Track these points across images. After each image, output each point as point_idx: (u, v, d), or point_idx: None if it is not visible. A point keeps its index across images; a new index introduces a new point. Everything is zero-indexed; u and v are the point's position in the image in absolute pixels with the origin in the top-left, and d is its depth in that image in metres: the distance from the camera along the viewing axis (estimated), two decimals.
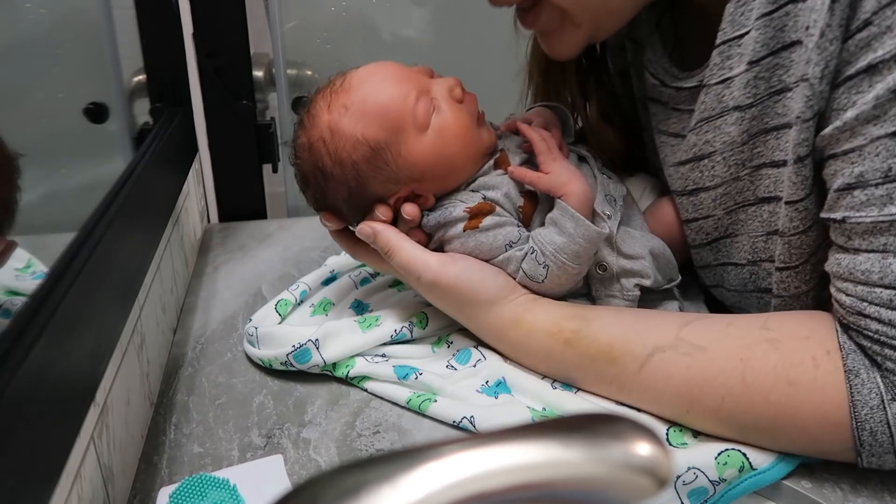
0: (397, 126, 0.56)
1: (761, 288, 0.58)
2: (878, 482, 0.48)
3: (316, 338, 0.59)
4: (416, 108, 0.57)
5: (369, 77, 0.59)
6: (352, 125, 0.56)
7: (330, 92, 0.58)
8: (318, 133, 0.58)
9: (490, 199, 0.59)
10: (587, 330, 0.54)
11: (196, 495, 0.45)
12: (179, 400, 0.59)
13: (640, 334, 0.53)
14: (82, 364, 0.40)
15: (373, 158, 0.57)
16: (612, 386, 0.54)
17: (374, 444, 0.53)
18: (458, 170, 0.59)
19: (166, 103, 0.84)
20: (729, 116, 0.53)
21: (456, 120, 0.58)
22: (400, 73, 0.59)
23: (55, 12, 0.67)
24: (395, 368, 0.59)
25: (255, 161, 1.01)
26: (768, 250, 0.55)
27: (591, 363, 0.54)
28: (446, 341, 0.62)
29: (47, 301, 0.37)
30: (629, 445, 0.19)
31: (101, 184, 0.56)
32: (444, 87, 0.59)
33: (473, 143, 0.59)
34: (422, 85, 0.58)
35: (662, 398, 0.51)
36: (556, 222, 0.57)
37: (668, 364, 0.50)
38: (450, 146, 0.58)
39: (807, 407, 0.46)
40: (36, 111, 0.60)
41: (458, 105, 0.58)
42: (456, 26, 1.16)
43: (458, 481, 0.18)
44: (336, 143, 0.57)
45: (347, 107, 0.57)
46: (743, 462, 0.47)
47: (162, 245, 0.67)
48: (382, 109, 0.56)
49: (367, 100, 0.57)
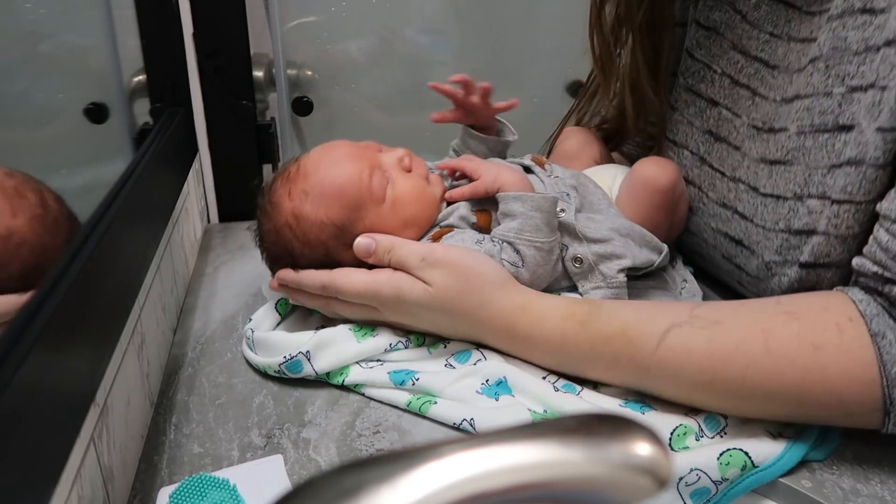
0: (357, 203, 0.61)
1: (794, 229, 0.56)
2: (877, 482, 0.48)
3: (307, 349, 0.59)
4: (370, 184, 0.61)
5: (322, 160, 0.63)
6: (315, 209, 0.61)
7: (287, 179, 0.62)
8: (283, 220, 0.62)
9: (446, 225, 0.64)
10: (599, 313, 0.54)
11: (196, 495, 0.45)
12: (179, 400, 0.59)
13: (652, 315, 0.53)
14: (82, 364, 0.40)
15: (340, 235, 0.61)
16: (628, 368, 0.52)
17: (374, 444, 0.53)
18: (421, 227, 0.64)
19: (166, 103, 0.84)
20: (855, 18, 0.51)
21: (409, 187, 0.63)
22: (350, 151, 0.63)
23: (55, 12, 0.67)
24: (391, 374, 0.58)
25: (255, 161, 1.01)
26: (823, 185, 0.54)
27: (605, 345, 0.53)
28: (443, 343, 0.62)
29: (47, 301, 0.37)
30: (629, 445, 0.19)
31: (101, 184, 0.56)
32: (393, 159, 0.64)
33: (428, 200, 0.64)
34: (372, 160, 0.63)
35: (683, 373, 0.50)
36: (505, 213, 0.61)
37: (686, 338, 0.50)
38: (408, 210, 0.63)
39: (834, 369, 0.46)
40: (36, 111, 0.60)
41: (408, 174, 0.64)
42: (456, 26, 1.16)
43: (458, 481, 0.18)
44: (303, 228, 0.61)
45: (307, 192, 0.61)
46: (745, 461, 0.47)
47: (162, 245, 0.67)
48: (340, 190, 0.61)
49: (324, 183, 0.61)
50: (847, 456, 0.51)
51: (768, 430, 0.50)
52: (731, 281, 0.68)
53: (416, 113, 1.15)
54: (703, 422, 0.51)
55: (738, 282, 0.66)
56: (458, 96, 0.70)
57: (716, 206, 0.65)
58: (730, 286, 0.69)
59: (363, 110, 1.14)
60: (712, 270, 0.71)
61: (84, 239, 0.45)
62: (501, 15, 1.15)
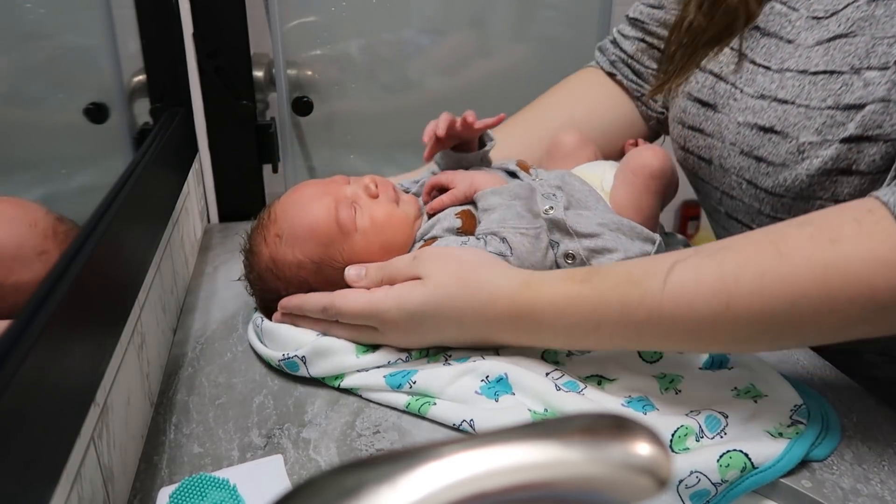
0: (329, 238, 0.62)
1: (843, 104, 0.55)
2: (878, 482, 0.48)
3: (303, 354, 0.59)
4: (338, 217, 0.62)
5: (290, 203, 0.64)
6: (290, 251, 0.62)
7: (261, 227, 0.65)
8: (263, 265, 0.63)
9: (430, 237, 0.64)
10: (598, 270, 0.54)
11: (196, 495, 0.45)
12: (179, 400, 0.59)
13: (653, 259, 0.52)
14: (82, 364, 0.40)
15: (319, 271, 0.62)
16: (639, 313, 0.50)
17: (374, 444, 0.53)
18: (399, 246, 0.64)
19: (166, 103, 0.84)
20: None
21: (378, 212, 0.64)
22: (315, 190, 0.65)
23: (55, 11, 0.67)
24: (387, 378, 0.58)
25: (255, 161, 1.01)
26: (888, 55, 0.53)
27: (612, 290, 0.51)
28: (444, 356, 0.61)
29: (47, 301, 0.37)
30: (629, 445, 0.19)
31: (100, 184, 0.56)
32: (359, 188, 0.64)
33: (400, 222, 0.65)
34: (339, 194, 0.64)
35: (696, 302, 0.48)
36: (485, 209, 0.62)
37: (693, 268, 0.49)
38: (383, 235, 0.63)
39: (858, 255, 0.44)
40: (36, 111, 0.60)
41: (375, 200, 0.64)
42: (456, 26, 1.16)
43: (458, 481, 0.18)
44: (282, 270, 0.63)
45: (280, 235, 0.63)
46: (745, 462, 0.47)
47: (162, 245, 0.67)
48: (311, 229, 0.62)
49: (294, 224, 0.63)
50: (847, 456, 0.51)
51: (768, 430, 0.51)
52: (735, 189, 0.66)
53: (416, 113, 1.15)
54: (703, 422, 0.51)
55: (750, 180, 0.63)
56: (442, 136, 0.68)
57: (751, 100, 0.63)
58: (725, 212, 0.68)
59: (363, 110, 1.14)
60: (713, 180, 0.69)
61: (84, 239, 0.45)
62: (501, 15, 1.15)
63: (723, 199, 0.68)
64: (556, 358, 0.60)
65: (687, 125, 0.70)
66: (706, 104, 0.68)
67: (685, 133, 0.71)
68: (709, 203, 0.73)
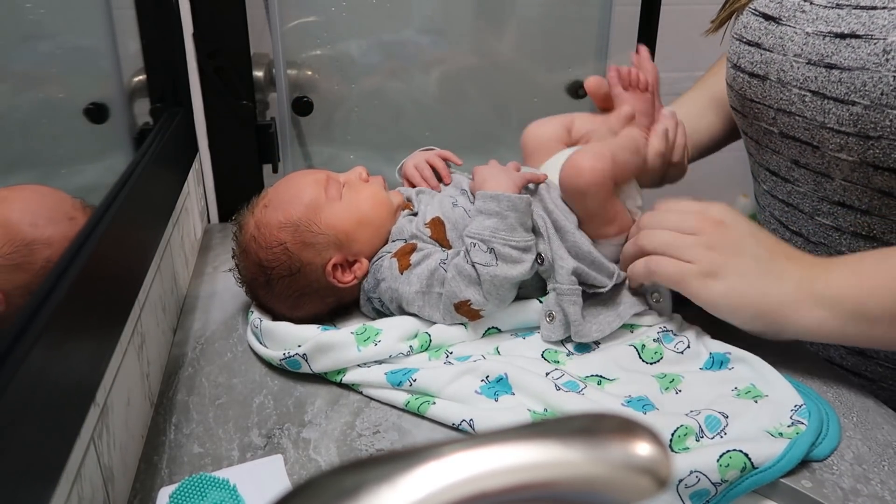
0: (313, 203, 0.64)
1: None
2: (878, 482, 0.48)
3: (304, 351, 0.59)
4: (328, 187, 0.66)
5: (282, 183, 0.68)
6: (274, 214, 0.64)
7: (251, 206, 0.67)
8: (248, 234, 0.65)
9: (407, 239, 0.66)
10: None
11: (196, 495, 0.45)
12: (179, 400, 0.59)
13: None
14: (82, 364, 0.40)
15: (297, 231, 0.64)
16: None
17: (374, 444, 0.53)
18: (377, 227, 0.67)
19: (166, 103, 0.84)
20: None
21: (366, 188, 0.68)
22: (308, 172, 0.69)
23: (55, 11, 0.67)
24: (388, 375, 0.58)
25: (255, 161, 1.01)
26: None
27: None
28: (446, 352, 0.62)
29: (47, 301, 0.37)
30: (629, 445, 0.19)
31: (101, 184, 0.56)
32: (352, 173, 0.69)
33: (384, 202, 0.68)
34: (329, 174, 0.68)
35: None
36: (480, 210, 0.62)
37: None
38: (363, 206, 0.66)
39: None
40: (35, 111, 0.60)
41: (366, 182, 0.69)
42: (456, 26, 1.16)
43: (458, 481, 0.18)
44: (263, 234, 0.64)
45: (268, 205, 0.65)
46: (745, 462, 0.47)
47: (162, 245, 0.67)
48: (297, 194, 0.65)
49: (282, 192, 0.66)
50: (847, 456, 0.51)
51: (769, 430, 0.50)
52: (795, 104, 0.64)
53: (416, 113, 1.15)
54: (703, 422, 0.51)
55: (816, 91, 0.61)
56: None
57: (823, 10, 0.62)
58: (780, 132, 0.67)
59: (363, 110, 1.14)
60: (766, 98, 0.67)
61: (84, 239, 0.45)
62: (501, 15, 1.15)
63: (777, 118, 0.67)
64: (556, 358, 0.60)
65: (745, 40, 0.69)
66: (770, 17, 0.66)
67: (740, 49, 0.70)
68: (758, 126, 0.70)
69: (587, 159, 0.62)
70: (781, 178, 0.70)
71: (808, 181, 0.66)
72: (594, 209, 0.64)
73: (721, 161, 0.93)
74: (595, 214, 0.64)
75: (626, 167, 0.65)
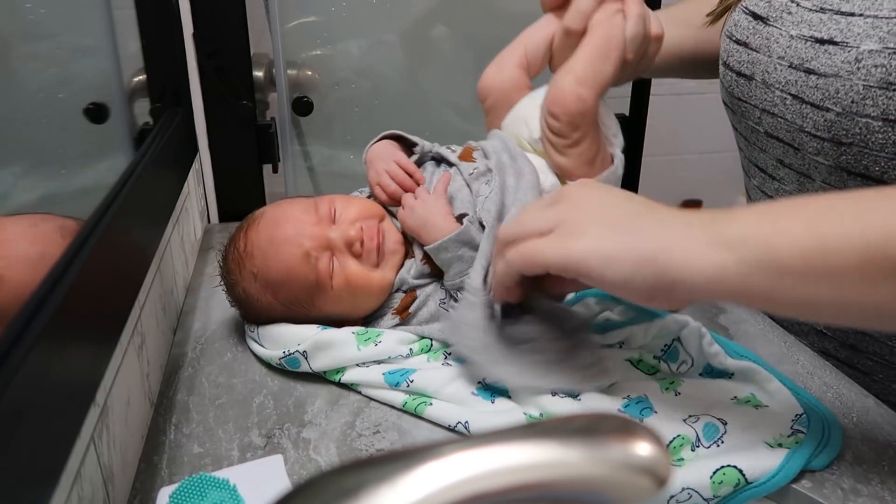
0: (303, 286, 0.61)
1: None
2: (878, 482, 0.48)
3: (304, 349, 0.59)
4: (317, 268, 0.61)
5: (268, 240, 0.62)
6: (263, 293, 0.62)
7: (237, 256, 0.63)
8: (239, 292, 0.64)
9: (407, 290, 0.64)
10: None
11: (196, 495, 0.45)
12: (179, 400, 0.59)
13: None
14: (82, 364, 0.40)
15: (289, 310, 0.63)
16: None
17: (374, 444, 0.53)
18: (371, 305, 0.64)
19: (166, 103, 0.84)
20: None
21: (356, 275, 0.62)
22: (296, 227, 0.62)
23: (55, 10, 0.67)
24: (386, 375, 0.58)
25: (255, 161, 1.01)
26: None
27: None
28: (444, 353, 0.62)
29: (48, 301, 0.37)
30: (629, 445, 0.19)
31: (101, 184, 0.56)
32: (342, 241, 0.61)
33: (375, 289, 0.63)
34: (320, 239, 0.61)
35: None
36: (442, 264, 0.62)
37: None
38: (355, 297, 0.63)
39: None
40: (35, 111, 0.60)
41: (356, 260, 0.62)
42: (455, 25, 1.16)
43: (458, 481, 0.18)
44: (252, 304, 0.63)
45: (255, 275, 0.62)
46: (739, 478, 0.46)
47: (162, 245, 0.67)
48: (285, 277, 0.61)
49: (270, 268, 0.61)
50: (847, 456, 0.51)
51: (767, 441, 0.50)
52: (777, 106, 0.63)
53: (416, 113, 1.15)
54: (701, 430, 0.51)
55: (796, 95, 0.61)
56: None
57: (808, 13, 0.61)
58: (765, 132, 0.66)
59: (363, 110, 1.14)
60: (752, 97, 0.67)
61: (84, 239, 0.45)
62: (501, 15, 1.15)
63: (762, 118, 0.66)
64: None
65: (734, 38, 0.69)
66: (758, 17, 0.66)
67: (730, 47, 0.69)
68: (745, 124, 0.70)
69: (568, 90, 0.61)
70: (769, 175, 0.70)
71: (793, 180, 0.66)
72: (582, 139, 0.62)
73: (721, 161, 0.93)
74: (586, 148, 0.62)
75: (606, 75, 0.62)
